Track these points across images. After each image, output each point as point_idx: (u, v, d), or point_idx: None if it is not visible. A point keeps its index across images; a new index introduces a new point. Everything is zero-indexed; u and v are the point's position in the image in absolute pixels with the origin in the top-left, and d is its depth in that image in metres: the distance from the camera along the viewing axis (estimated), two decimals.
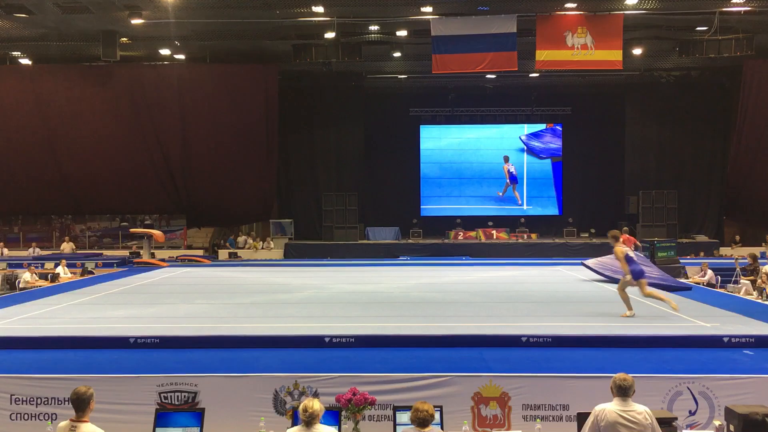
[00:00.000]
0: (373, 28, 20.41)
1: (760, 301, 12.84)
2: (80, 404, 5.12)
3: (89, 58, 22.61)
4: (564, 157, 27.59)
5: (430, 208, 27.68)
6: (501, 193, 27.44)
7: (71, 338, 9.03)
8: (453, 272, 17.77)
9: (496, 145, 27.69)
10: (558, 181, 27.68)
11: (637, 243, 16.98)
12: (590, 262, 16.11)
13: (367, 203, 26.78)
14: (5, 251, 23.49)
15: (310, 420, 5.10)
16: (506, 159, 27.37)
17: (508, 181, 27.44)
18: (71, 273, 17.76)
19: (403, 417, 5.75)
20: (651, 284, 12.07)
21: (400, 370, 7.53)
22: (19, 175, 23.81)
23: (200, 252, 24.55)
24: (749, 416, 5.75)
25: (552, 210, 27.60)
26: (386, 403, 6.96)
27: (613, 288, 13.96)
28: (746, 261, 16.67)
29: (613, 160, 27.05)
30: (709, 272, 16.10)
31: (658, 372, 7.43)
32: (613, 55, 19.41)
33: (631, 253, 10.87)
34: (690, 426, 6.93)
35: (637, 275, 10.44)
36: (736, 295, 13.86)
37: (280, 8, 18.54)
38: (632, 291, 10.71)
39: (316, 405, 5.16)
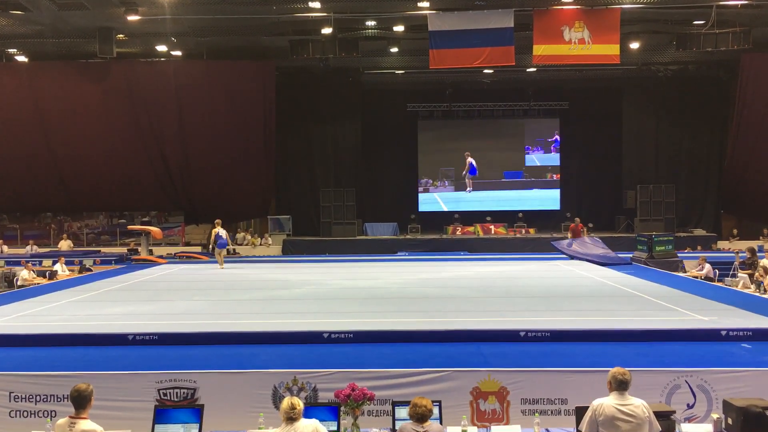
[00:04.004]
0: (370, 23, 20.36)
1: (757, 294, 12.86)
2: (80, 401, 5.12)
3: (85, 55, 22.53)
4: (561, 152, 27.58)
5: (428, 203, 27.67)
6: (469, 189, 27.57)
7: (70, 335, 9.04)
8: (451, 267, 17.79)
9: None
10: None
11: (584, 230, 21.61)
12: (561, 245, 19.94)
13: (364, 199, 26.74)
14: (5, 248, 23.47)
15: (298, 416, 5.14)
16: (467, 155, 27.38)
17: (466, 173, 27.48)
18: (69, 270, 17.74)
19: (402, 412, 5.76)
20: (591, 261, 18.08)
21: (398, 365, 7.55)
22: (16, 173, 23.73)
23: (198, 249, 24.53)
24: (747, 409, 5.77)
25: (550, 205, 27.60)
26: (385, 399, 6.97)
27: (609, 282, 14.03)
28: (746, 255, 16.70)
29: (611, 155, 27.04)
30: (707, 266, 16.13)
31: (656, 366, 7.45)
32: (610, 50, 19.38)
33: (223, 234, 17.92)
34: (688, 419, 6.95)
35: (220, 246, 17.98)
36: (734, 288, 13.89)
37: (276, 4, 18.50)
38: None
39: (301, 402, 5.21)
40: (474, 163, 27.31)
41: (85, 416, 5.12)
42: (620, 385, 5.22)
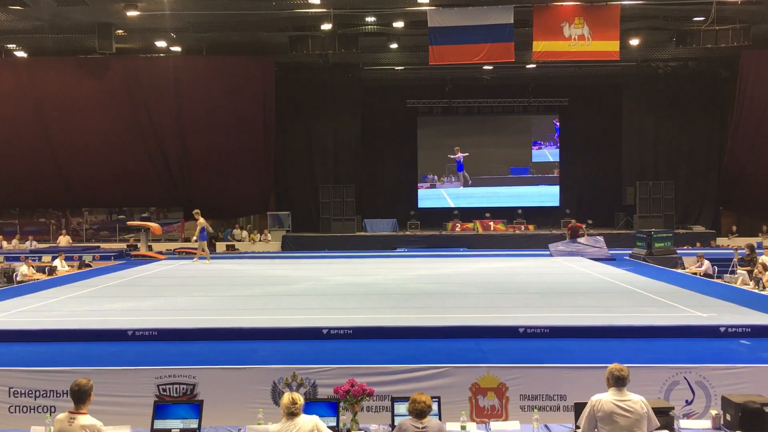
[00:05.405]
0: (370, 19, 20.34)
1: (756, 291, 12.86)
2: (81, 396, 5.14)
3: (85, 51, 22.51)
4: (561, 148, 27.59)
5: (434, 199, 27.65)
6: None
7: (69, 331, 9.03)
8: (450, 264, 17.79)
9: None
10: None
11: (583, 228, 21.27)
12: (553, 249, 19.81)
13: (364, 195, 26.76)
14: (5, 244, 23.46)
15: (298, 412, 5.15)
16: (458, 150, 27.35)
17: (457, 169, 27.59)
18: (68, 266, 17.73)
19: (401, 408, 5.77)
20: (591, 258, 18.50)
21: (398, 361, 7.55)
22: (16, 168, 23.71)
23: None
24: (745, 405, 5.79)
25: (549, 201, 27.60)
26: (384, 394, 6.98)
27: (608, 279, 14.04)
28: (745, 251, 16.71)
29: (611, 151, 27.05)
30: (706, 263, 16.12)
31: (654, 362, 7.46)
32: (610, 46, 19.38)
33: (207, 227, 18.62)
34: (687, 415, 6.96)
35: (201, 239, 18.37)
36: (733, 285, 13.89)
37: (276, 0, 18.48)
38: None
39: (301, 398, 5.22)
40: (461, 159, 27.33)
41: (84, 411, 5.14)
42: (617, 381, 5.25)
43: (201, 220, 18.36)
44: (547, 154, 27.80)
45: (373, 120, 27.11)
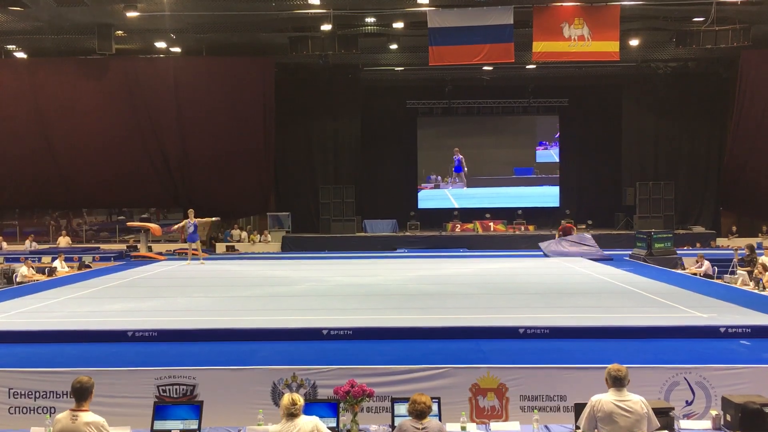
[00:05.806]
0: (370, 20, 20.34)
1: (756, 291, 12.87)
2: (82, 393, 5.15)
3: (84, 51, 22.49)
4: (561, 149, 27.60)
5: (438, 199, 27.64)
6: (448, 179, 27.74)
7: (69, 332, 9.03)
8: (450, 264, 17.78)
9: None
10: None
11: (574, 229, 21.29)
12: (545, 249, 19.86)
13: (364, 196, 26.75)
14: (4, 245, 23.45)
15: (298, 412, 5.14)
16: (457, 151, 27.38)
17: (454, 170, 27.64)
18: (68, 267, 17.74)
19: (401, 409, 5.77)
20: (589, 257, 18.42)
21: (397, 362, 7.55)
22: (16, 169, 23.70)
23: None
24: (745, 406, 5.79)
25: (549, 202, 27.60)
26: (384, 395, 6.98)
27: (608, 279, 14.04)
28: (745, 252, 16.72)
29: (610, 152, 27.05)
30: (706, 263, 16.13)
31: (654, 362, 7.46)
32: (610, 47, 19.38)
33: (191, 226, 17.93)
34: (687, 416, 6.96)
35: (190, 239, 18.26)
36: (733, 285, 13.90)
37: (276, 0, 18.48)
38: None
39: (301, 398, 5.22)
40: (461, 159, 27.36)
41: (86, 408, 5.15)
42: (616, 382, 5.25)
43: (196, 220, 18.33)
44: (553, 154, 27.80)
45: (373, 120, 27.11)
